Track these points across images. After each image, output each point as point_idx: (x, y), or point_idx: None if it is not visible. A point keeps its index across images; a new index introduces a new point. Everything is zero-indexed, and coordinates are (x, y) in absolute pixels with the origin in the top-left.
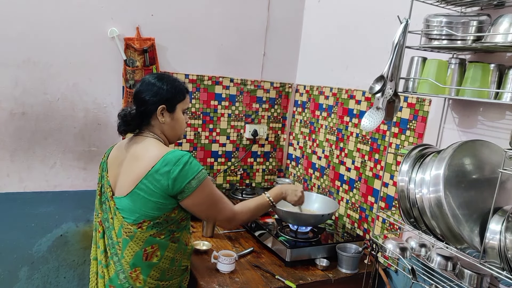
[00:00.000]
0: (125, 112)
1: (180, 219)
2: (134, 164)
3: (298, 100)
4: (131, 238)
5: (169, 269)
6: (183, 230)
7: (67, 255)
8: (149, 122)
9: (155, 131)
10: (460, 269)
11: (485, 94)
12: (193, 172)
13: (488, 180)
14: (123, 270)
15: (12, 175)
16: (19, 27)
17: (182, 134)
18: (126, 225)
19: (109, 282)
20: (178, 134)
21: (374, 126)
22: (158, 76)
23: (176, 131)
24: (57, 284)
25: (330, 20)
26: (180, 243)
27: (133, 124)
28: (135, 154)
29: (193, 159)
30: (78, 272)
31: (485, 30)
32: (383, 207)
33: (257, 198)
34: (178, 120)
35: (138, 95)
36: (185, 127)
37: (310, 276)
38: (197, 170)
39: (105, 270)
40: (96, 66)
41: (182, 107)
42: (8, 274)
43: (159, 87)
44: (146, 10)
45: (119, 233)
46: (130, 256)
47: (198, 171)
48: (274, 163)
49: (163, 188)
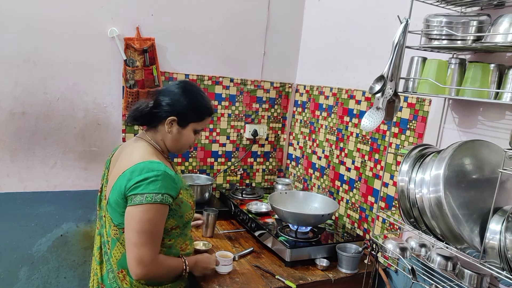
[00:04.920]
0: (139, 105)
1: (170, 228)
2: (116, 166)
3: (298, 100)
4: (117, 239)
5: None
6: (178, 237)
7: (67, 255)
8: (156, 126)
9: (156, 137)
10: (460, 269)
11: (485, 94)
12: (147, 189)
13: (488, 180)
14: (112, 269)
15: (12, 175)
16: (19, 27)
17: (184, 150)
18: (113, 226)
19: (101, 280)
20: (179, 149)
21: (374, 126)
22: (184, 87)
23: (179, 145)
24: (57, 284)
25: (330, 20)
26: (172, 249)
27: (141, 121)
28: (122, 155)
29: (160, 181)
30: (78, 272)
31: (485, 30)
32: (383, 207)
33: (177, 259)
34: (184, 136)
35: (158, 96)
36: (191, 145)
37: (310, 276)
38: (151, 190)
39: (98, 268)
40: (96, 66)
41: (195, 127)
42: (8, 274)
43: (178, 99)
44: (146, 10)
45: (108, 232)
46: (118, 256)
47: (152, 192)
48: (274, 163)
49: (122, 192)
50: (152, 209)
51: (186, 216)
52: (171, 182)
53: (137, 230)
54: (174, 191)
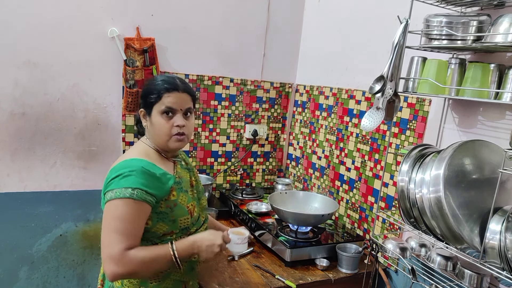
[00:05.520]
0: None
1: (161, 233)
2: None
3: (298, 100)
4: None
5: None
6: None
7: (67, 255)
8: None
9: (147, 136)
10: (460, 269)
11: (485, 94)
12: (117, 185)
13: (488, 180)
14: None
15: (12, 175)
16: (19, 28)
17: (165, 140)
18: None
19: (102, 277)
20: (160, 140)
21: (374, 126)
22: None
23: (157, 134)
24: (56, 284)
25: (330, 20)
26: None
27: (138, 128)
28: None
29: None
30: (77, 272)
31: (485, 30)
32: (383, 207)
33: (160, 247)
34: (154, 125)
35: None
36: (166, 131)
37: (310, 276)
38: (121, 186)
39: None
40: (96, 66)
41: (158, 109)
42: (8, 274)
43: (142, 90)
44: (146, 10)
45: None
46: None
47: (121, 187)
48: (274, 163)
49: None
50: (121, 205)
51: (181, 222)
52: (151, 179)
53: (106, 227)
54: (157, 190)
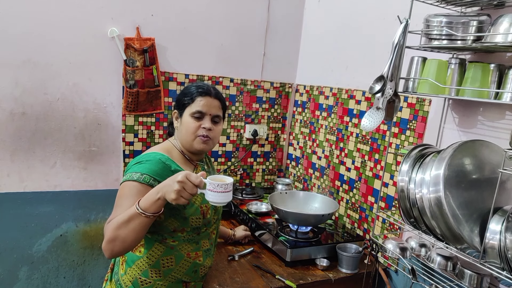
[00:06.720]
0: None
1: (172, 229)
2: None
3: (298, 100)
4: None
5: (153, 270)
6: (185, 242)
7: (67, 255)
8: (173, 128)
9: (176, 136)
10: (460, 269)
11: (485, 94)
12: (131, 170)
13: (488, 180)
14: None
15: (12, 175)
16: (19, 27)
17: (191, 139)
18: None
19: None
20: (186, 140)
21: (374, 126)
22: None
23: (183, 136)
24: (56, 284)
25: (330, 20)
26: (175, 251)
27: (169, 129)
28: None
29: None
30: (77, 272)
31: (485, 30)
32: (383, 207)
33: (129, 208)
34: (183, 125)
35: None
36: (193, 130)
37: (310, 276)
38: (133, 170)
39: None
40: (96, 66)
41: (189, 111)
42: (8, 274)
43: (177, 94)
44: (146, 10)
45: None
46: None
47: (132, 171)
48: (274, 163)
49: None
50: (127, 186)
51: (192, 221)
52: (163, 169)
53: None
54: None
